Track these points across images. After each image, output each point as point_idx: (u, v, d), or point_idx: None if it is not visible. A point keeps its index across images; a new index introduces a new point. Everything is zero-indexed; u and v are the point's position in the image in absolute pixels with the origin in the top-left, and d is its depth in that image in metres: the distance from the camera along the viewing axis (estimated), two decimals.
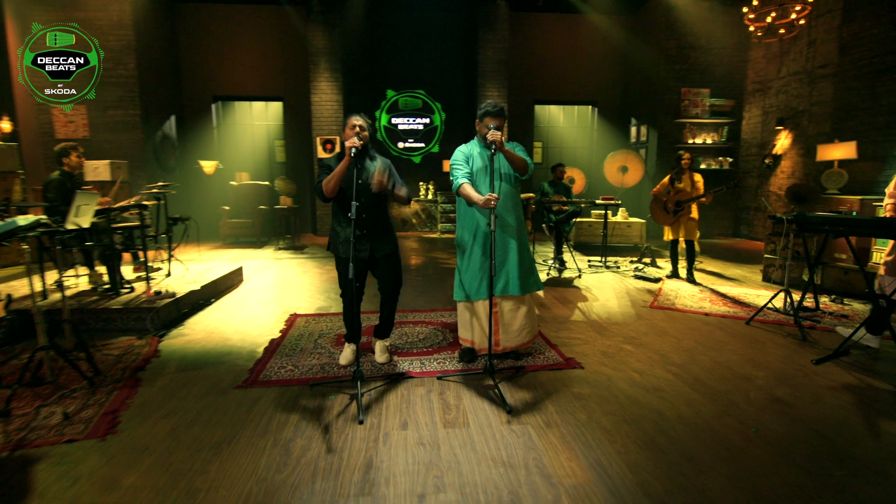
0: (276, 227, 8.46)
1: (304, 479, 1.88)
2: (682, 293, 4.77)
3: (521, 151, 2.85)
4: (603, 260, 6.29)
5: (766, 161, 8.19)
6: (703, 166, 8.76)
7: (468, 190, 2.72)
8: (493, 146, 2.64)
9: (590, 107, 10.34)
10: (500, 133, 2.66)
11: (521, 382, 2.75)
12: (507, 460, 1.98)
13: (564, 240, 6.08)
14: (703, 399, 2.54)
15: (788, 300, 3.92)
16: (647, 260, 6.33)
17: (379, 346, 3.06)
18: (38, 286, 3.91)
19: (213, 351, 3.29)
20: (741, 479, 1.87)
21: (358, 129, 2.72)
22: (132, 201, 4.34)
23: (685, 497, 1.77)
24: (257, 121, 9.92)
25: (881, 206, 5.20)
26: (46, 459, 2.03)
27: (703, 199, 5.11)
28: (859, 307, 4.28)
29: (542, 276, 5.61)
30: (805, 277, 5.05)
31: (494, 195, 2.56)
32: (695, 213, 5.20)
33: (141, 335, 3.54)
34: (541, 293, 3.58)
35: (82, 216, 2.98)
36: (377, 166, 2.78)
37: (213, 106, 9.47)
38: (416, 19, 9.22)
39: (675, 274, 5.48)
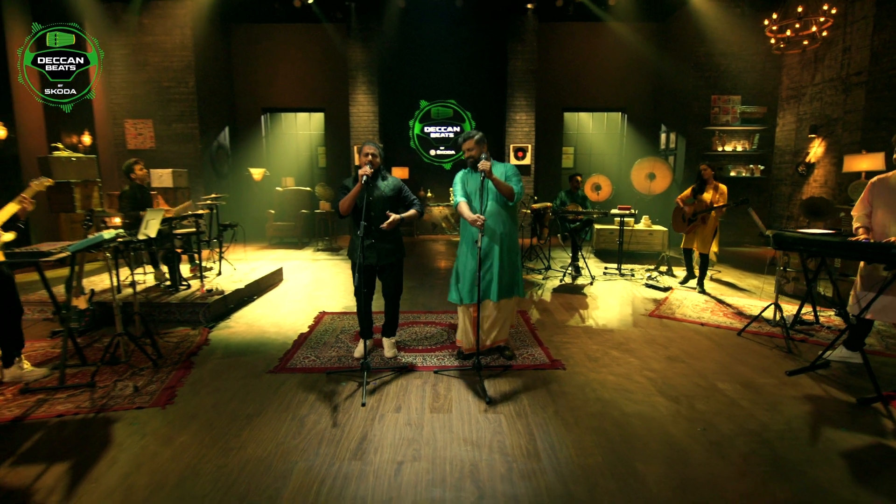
0: (316, 230, 9.17)
1: (311, 444, 2.37)
2: (687, 303, 4.96)
3: (513, 176, 3.21)
4: (618, 267, 6.50)
5: (800, 169, 8.04)
6: (732, 174, 8.70)
7: (463, 208, 3.14)
8: (483, 174, 3.03)
9: (619, 113, 10.42)
10: (488, 163, 3.04)
11: (507, 379, 3.14)
12: (475, 441, 2.39)
13: (579, 247, 6.35)
14: (667, 401, 2.84)
15: (778, 314, 4.06)
16: (664, 268, 6.48)
17: (386, 342, 3.53)
18: (113, 282, 4.67)
19: (253, 341, 3.88)
20: (672, 467, 2.19)
21: (370, 156, 3.19)
22: (188, 211, 5.04)
23: (617, 478, 2.12)
24: (301, 130, 10.71)
25: None
26: (121, 421, 2.64)
27: (713, 214, 5.25)
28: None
29: (556, 283, 5.92)
30: (822, 290, 5.09)
31: (482, 218, 2.96)
32: (710, 225, 5.31)
33: (195, 326, 4.20)
34: (522, 298, 3.82)
35: (150, 228, 3.64)
36: (387, 192, 3.23)
37: (262, 117, 10.33)
38: (448, 32, 9.66)
39: (688, 281, 5.64)
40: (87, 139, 7.95)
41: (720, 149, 8.73)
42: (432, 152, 10.13)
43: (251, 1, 8.83)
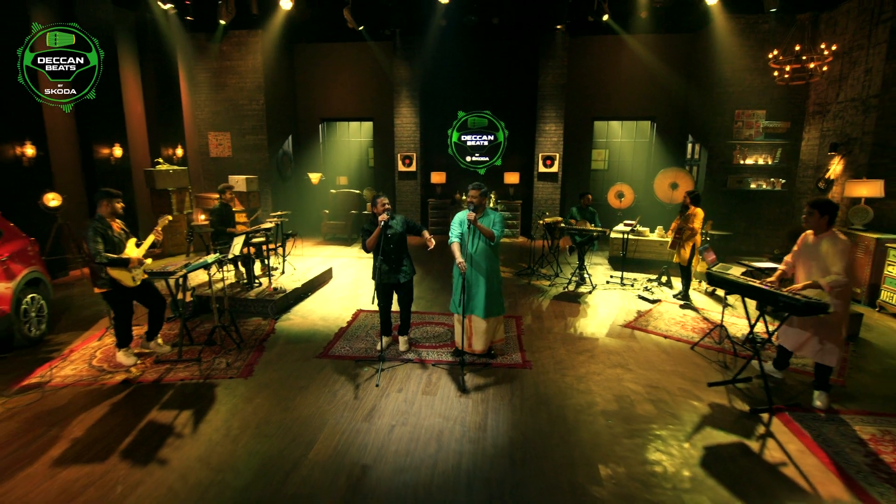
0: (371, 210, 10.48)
1: (338, 409, 3.59)
2: (665, 316, 5.73)
3: (497, 221, 4.19)
4: (621, 277, 7.26)
5: (820, 185, 8.26)
6: (753, 186, 9.01)
7: (455, 249, 4.18)
8: (469, 223, 4.06)
9: (648, 122, 10.81)
10: (474, 214, 4.06)
11: (485, 373, 4.21)
12: (446, 415, 3.50)
13: (584, 259, 7.17)
14: (595, 398, 3.80)
15: (724, 333, 4.80)
16: (664, 279, 7.17)
17: (401, 339, 4.70)
18: (213, 287, 6.16)
19: (306, 331, 5.19)
20: (569, 440, 3.19)
21: (387, 205, 4.29)
22: (259, 225, 6.42)
23: (529, 445, 3.15)
24: (353, 137, 12.02)
25: (892, 246, 5.62)
26: (220, 385, 3.99)
27: (684, 234, 6.03)
28: None
29: (559, 290, 6.82)
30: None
31: (464, 264, 4.00)
32: (688, 244, 6.06)
33: (265, 317, 5.58)
34: (502, 317, 4.66)
35: (236, 248, 4.99)
36: (399, 228, 4.34)
37: (320, 126, 11.72)
38: (484, 48, 10.47)
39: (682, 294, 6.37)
40: (179, 151, 9.67)
41: (742, 162, 9.05)
42: (468, 158, 11.09)
43: (312, 23, 10.07)
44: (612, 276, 7.48)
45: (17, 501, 2.68)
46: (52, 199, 6.83)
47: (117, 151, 8.17)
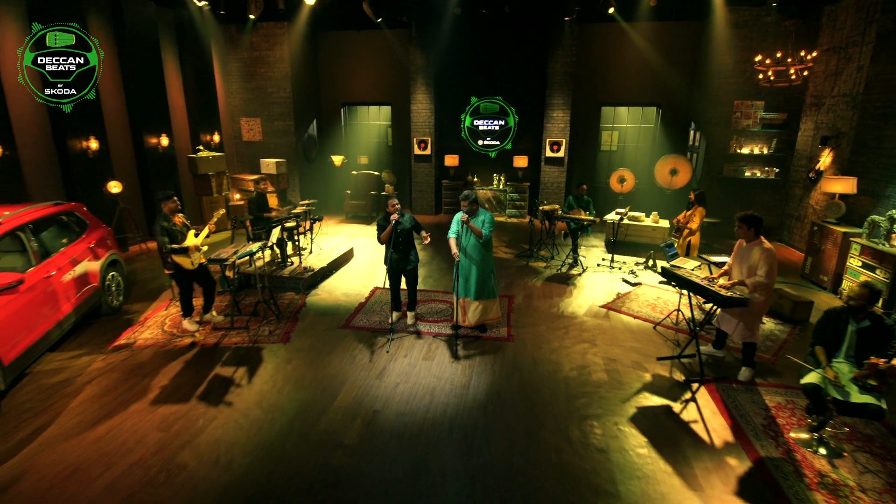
0: (381, 207, 11.40)
1: (356, 369, 4.62)
2: (641, 299, 6.53)
3: (487, 222, 5.02)
4: (611, 261, 8.03)
5: (811, 175, 8.71)
6: (747, 174, 9.48)
7: (452, 243, 5.06)
8: (462, 223, 4.92)
9: (654, 108, 11.20)
10: (466, 216, 4.91)
11: (475, 344, 5.16)
12: (439, 376, 4.49)
13: (577, 244, 7.95)
14: (561, 366, 4.72)
15: (681, 316, 5.61)
16: (651, 262, 7.90)
17: (409, 314, 5.67)
18: (256, 266, 7.22)
19: (331, 306, 6.22)
20: (532, 399, 4.14)
21: (397, 206, 5.17)
22: (290, 212, 7.40)
23: (501, 401, 4.12)
24: (373, 121, 12.76)
25: (855, 240, 6.24)
26: (265, 349, 5.07)
27: (686, 230, 6.77)
28: (769, 325, 5.72)
29: (553, 272, 7.65)
30: None
31: (458, 255, 4.89)
32: (686, 239, 6.85)
33: (297, 292, 6.64)
34: (496, 299, 5.54)
35: (273, 237, 6.00)
36: (407, 225, 5.23)
37: (342, 110, 12.49)
38: (496, 36, 10.93)
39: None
40: (216, 137, 10.66)
41: (738, 150, 9.49)
42: (480, 142, 11.75)
43: (333, 12, 10.65)
44: (603, 259, 8.25)
45: (132, 428, 3.81)
46: (115, 187, 7.94)
47: (164, 141, 9.20)
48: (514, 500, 3.11)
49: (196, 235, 5.35)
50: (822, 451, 3.59)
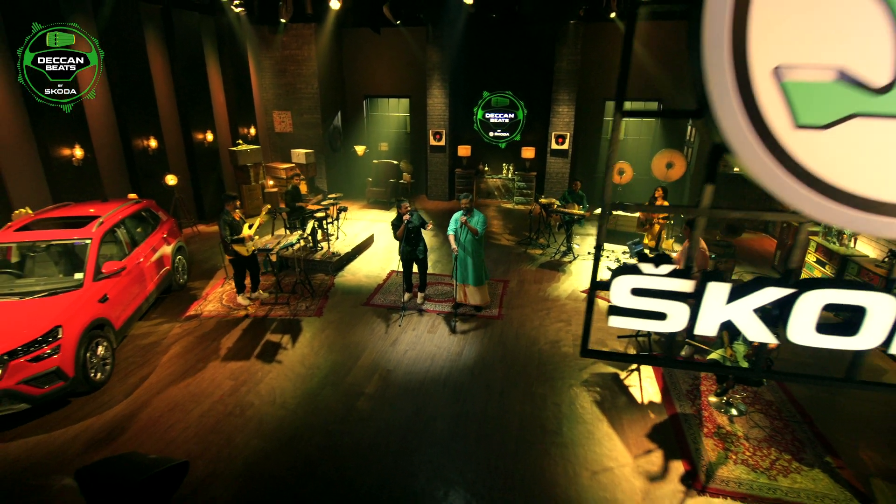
0: (399, 193, 12.53)
1: (374, 339, 5.89)
2: None
3: (480, 221, 6.13)
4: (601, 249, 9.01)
5: None
6: (736, 170, 10.20)
7: (451, 239, 6.20)
8: (461, 223, 6.05)
9: (656, 103, 11.85)
10: (464, 217, 6.03)
11: (470, 321, 6.36)
12: (439, 345, 5.73)
13: (571, 234, 8.97)
14: (538, 341, 5.87)
15: None
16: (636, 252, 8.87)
17: (419, 295, 6.89)
18: (295, 248, 8.52)
19: (355, 286, 7.49)
20: (510, 365, 5.34)
21: (410, 208, 6.31)
22: (320, 204, 8.62)
23: (484, 366, 5.33)
24: (392, 112, 13.75)
25: (813, 238, 7.11)
26: (303, 321, 6.38)
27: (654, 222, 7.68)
28: None
29: (547, 259, 8.73)
30: None
31: (456, 249, 6.03)
32: (656, 230, 7.80)
33: (326, 274, 7.93)
34: (487, 284, 6.71)
35: (307, 229, 7.24)
36: (416, 222, 6.38)
37: (364, 102, 13.51)
38: (507, 34, 11.67)
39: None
40: (252, 130, 11.89)
41: None
42: (491, 134, 12.65)
43: (357, 10, 11.52)
44: (594, 248, 9.24)
45: (210, 377, 5.18)
46: (171, 179, 9.29)
47: (209, 136, 10.48)
48: (486, 436, 4.35)
49: (249, 228, 6.62)
50: (734, 411, 4.70)
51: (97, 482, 3.58)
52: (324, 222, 8.54)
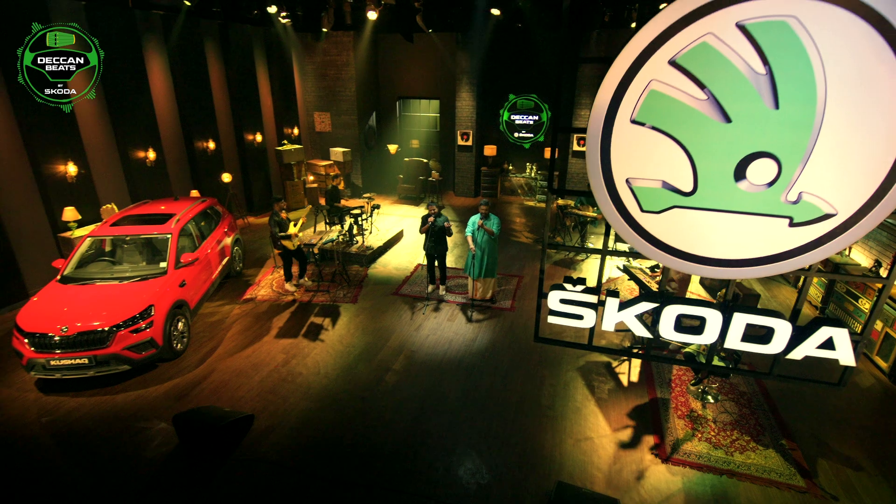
0: (427, 189, 13.44)
1: (401, 324, 6.86)
2: (626, 284, 8.25)
3: (495, 223, 6.95)
4: (613, 248, 9.67)
5: None
6: None
7: (469, 240, 7.05)
8: (478, 225, 6.90)
9: None
10: (481, 220, 6.86)
11: (485, 312, 7.23)
12: (457, 332, 6.64)
13: (585, 233, 9.65)
14: (542, 330, 6.69)
15: None
16: None
17: (441, 287, 7.81)
18: (338, 242, 9.59)
19: (385, 277, 8.48)
20: (517, 350, 6.19)
21: (434, 208, 7.19)
22: (355, 203, 9.62)
23: (494, 351, 6.21)
24: (423, 112, 14.60)
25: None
26: (341, 306, 7.42)
27: None
28: None
29: (561, 257, 9.46)
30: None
31: (475, 249, 6.88)
32: None
33: (361, 265, 8.95)
34: (495, 279, 7.58)
35: (346, 225, 8.24)
36: (440, 223, 7.26)
37: (397, 103, 14.40)
38: (532, 40, 12.24)
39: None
40: (296, 131, 13.00)
41: None
42: (516, 134, 13.32)
43: (392, 21, 12.34)
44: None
45: (266, 351, 6.28)
46: (226, 177, 10.49)
47: (258, 137, 11.64)
48: (490, 407, 5.25)
49: (295, 225, 7.68)
50: (710, 398, 5.42)
51: (189, 425, 4.74)
52: (359, 218, 9.55)
